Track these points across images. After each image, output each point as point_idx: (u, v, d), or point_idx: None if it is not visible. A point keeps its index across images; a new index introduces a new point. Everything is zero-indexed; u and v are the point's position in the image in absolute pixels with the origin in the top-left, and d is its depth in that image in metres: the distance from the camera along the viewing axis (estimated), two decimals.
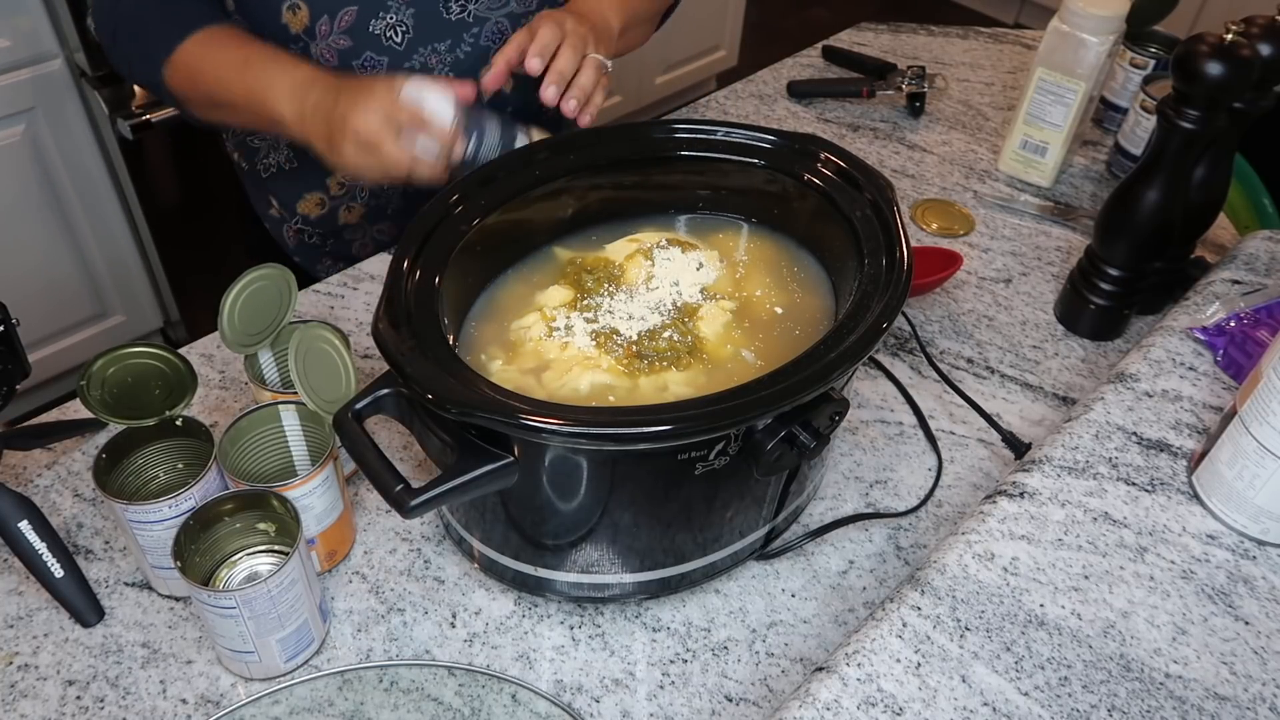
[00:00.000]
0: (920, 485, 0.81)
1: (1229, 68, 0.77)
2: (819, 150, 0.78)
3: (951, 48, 1.40)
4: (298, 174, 1.06)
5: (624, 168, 0.81)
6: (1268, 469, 0.67)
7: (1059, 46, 1.04)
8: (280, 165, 1.06)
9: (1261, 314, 0.84)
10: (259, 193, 1.12)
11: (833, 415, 0.63)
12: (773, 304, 0.76)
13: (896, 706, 0.59)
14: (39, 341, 1.81)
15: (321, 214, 1.08)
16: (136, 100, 1.65)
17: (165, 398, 0.69)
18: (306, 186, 1.06)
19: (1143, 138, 1.09)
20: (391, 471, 0.58)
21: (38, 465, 0.80)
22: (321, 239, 1.12)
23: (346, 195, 1.07)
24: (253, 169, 1.09)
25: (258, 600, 0.62)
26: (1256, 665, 0.63)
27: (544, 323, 0.73)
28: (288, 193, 1.08)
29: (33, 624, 0.70)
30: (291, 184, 1.07)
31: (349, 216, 1.09)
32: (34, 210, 1.68)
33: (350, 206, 1.08)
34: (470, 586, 0.73)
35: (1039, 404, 0.88)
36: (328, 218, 1.09)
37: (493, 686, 0.65)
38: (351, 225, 1.10)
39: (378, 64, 0.96)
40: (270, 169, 1.07)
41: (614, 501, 0.64)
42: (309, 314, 0.94)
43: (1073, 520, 0.71)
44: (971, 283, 1.01)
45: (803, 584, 0.74)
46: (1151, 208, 0.86)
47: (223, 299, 0.70)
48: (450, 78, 0.99)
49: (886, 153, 1.19)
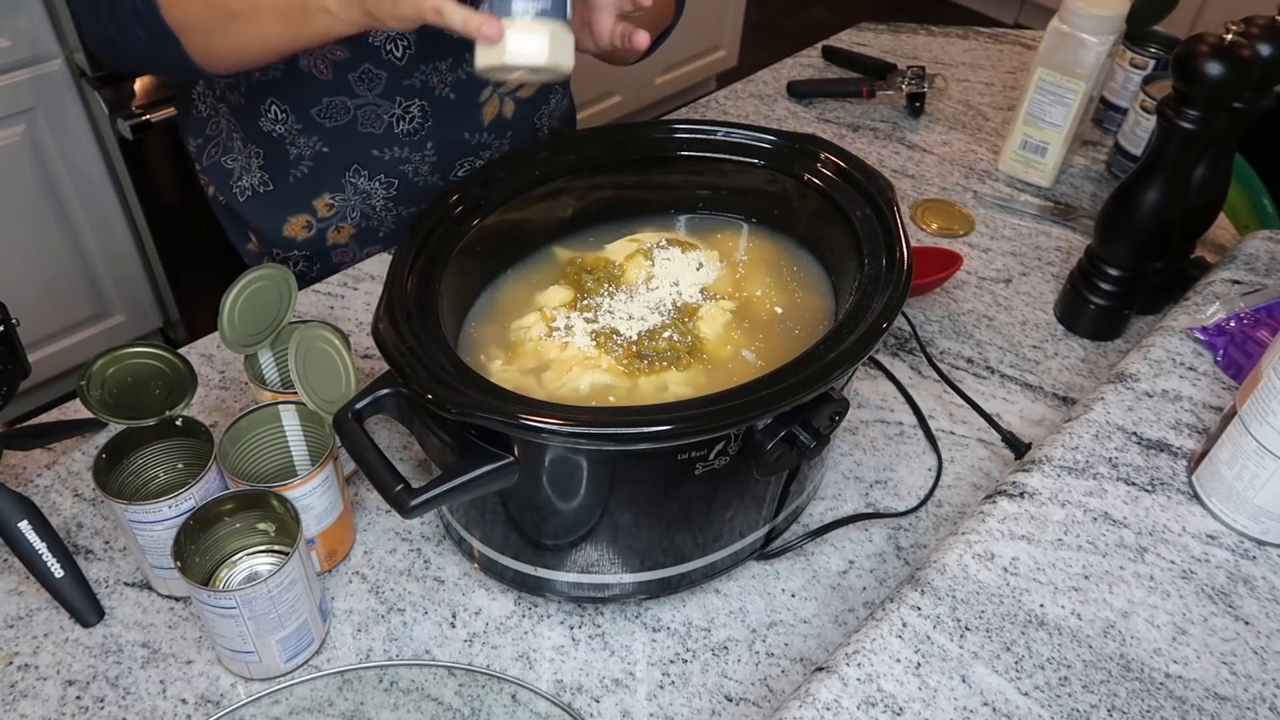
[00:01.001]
0: (920, 485, 0.81)
1: (1229, 68, 0.77)
2: (819, 150, 0.78)
3: (951, 48, 1.40)
4: (275, 197, 1.01)
5: (624, 168, 0.81)
6: (1268, 469, 0.67)
7: (1059, 46, 1.04)
8: (255, 189, 1.02)
9: (1261, 314, 0.84)
10: (236, 224, 1.07)
11: (833, 415, 0.63)
12: (773, 304, 0.76)
13: (896, 706, 0.59)
14: (39, 341, 1.80)
15: (309, 236, 1.04)
16: (136, 100, 1.65)
17: (165, 398, 0.69)
18: (291, 209, 1.02)
19: (1143, 138, 1.09)
20: (391, 471, 0.58)
21: (38, 465, 0.80)
22: (308, 264, 1.07)
23: (335, 216, 1.03)
24: (229, 197, 1.04)
25: (258, 600, 0.62)
26: (1256, 665, 0.63)
27: (544, 323, 0.73)
28: (269, 217, 1.03)
29: (33, 624, 0.70)
30: (270, 208, 1.02)
31: (337, 237, 1.05)
32: (34, 210, 1.68)
33: (340, 227, 1.04)
34: (470, 586, 0.73)
35: (1039, 404, 0.88)
36: (315, 240, 1.04)
37: (493, 686, 0.65)
38: (341, 246, 1.06)
39: (376, 77, 0.93)
40: (246, 192, 1.02)
41: (614, 501, 0.64)
42: (309, 314, 0.93)
43: (1073, 520, 0.71)
44: (971, 283, 1.01)
45: (803, 584, 0.74)
46: (1151, 208, 0.86)
47: (223, 299, 0.70)
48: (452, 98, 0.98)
49: (886, 153, 1.19)
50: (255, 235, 1.06)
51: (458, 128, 1.00)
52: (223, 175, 1.04)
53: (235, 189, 1.03)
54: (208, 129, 1.04)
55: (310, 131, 0.96)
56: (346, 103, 0.94)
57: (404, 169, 1.01)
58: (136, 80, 1.65)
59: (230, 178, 1.03)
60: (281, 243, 1.05)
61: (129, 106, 1.64)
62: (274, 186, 1.01)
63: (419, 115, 0.97)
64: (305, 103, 0.94)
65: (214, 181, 1.06)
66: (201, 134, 1.04)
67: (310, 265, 1.08)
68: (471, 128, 1.01)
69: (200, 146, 1.05)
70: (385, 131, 0.97)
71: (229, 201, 1.05)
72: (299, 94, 0.94)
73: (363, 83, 0.93)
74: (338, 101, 0.94)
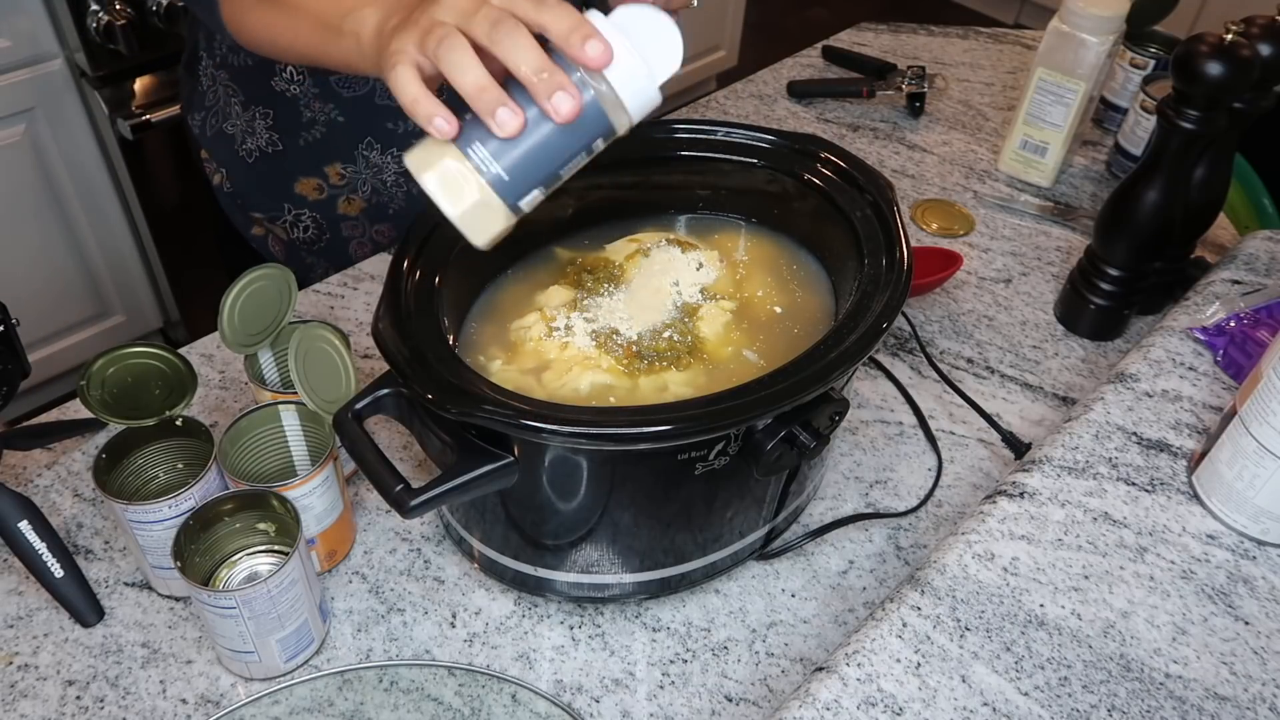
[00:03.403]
0: (920, 485, 0.81)
1: (1229, 68, 0.77)
2: (819, 150, 0.78)
3: (951, 48, 1.40)
4: (284, 157, 1.02)
5: (624, 168, 0.81)
6: (1268, 469, 0.67)
7: (1059, 46, 1.04)
8: (262, 149, 1.02)
9: (1261, 314, 0.84)
10: (239, 206, 1.08)
11: (833, 415, 0.63)
12: (773, 304, 0.76)
13: (896, 706, 0.59)
14: (39, 341, 1.81)
15: (320, 199, 1.05)
16: (136, 100, 1.65)
17: (165, 398, 0.69)
18: (301, 170, 1.03)
19: (1143, 138, 1.09)
20: (391, 471, 0.58)
21: (38, 465, 0.80)
22: (317, 233, 1.08)
23: (346, 186, 1.04)
24: (234, 166, 1.04)
25: (258, 600, 0.62)
26: (1256, 665, 0.63)
27: (544, 323, 0.73)
28: (279, 178, 1.03)
29: (33, 624, 0.70)
30: (281, 167, 1.03)
31: (348, 208, 1.06)
32: (34, 210, 1.68)
33: (350, 199, 1.05)
34: (470, 586, 0.73)
35: (1039, 404, 0.88)
36: (326, 203, 1.05)
37: (493, 686, 0.65)
38: (351, 218, 1.07)
39: None
40: (253, 154, 1.02)
41: (614, 501, 0.64)
42: (309, 314, 0.93)
43: (1073, 520, 0.71)
44: (971, 283, 1.01)
45: (803, 584, 0.74)
46: (1151, 208, 0.86)
47: (223, 299, 0.70)
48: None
49: (886, 153, 1.19)
50: (263, 203, 1.06)
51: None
52: (225, 144, 1.04)
53: (241, 152, 1.03)
54: (206, 100, 1.04)
55: (327, 98, 0.97)
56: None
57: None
58: (136, 80, 1.65)
59: (234, 143, 1.04)
60: (293, 199, 1.05)
61: (129, 106, 1.64)
62: (283, 147, 1.02)
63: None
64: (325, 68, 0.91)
65: (216, 157, 1.06)
66: (202, 107, 1.05)
67: (320, 233, 1.08)
68: None
69: (202, 120, 1.06)
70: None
71: (233, 173, 1.05)
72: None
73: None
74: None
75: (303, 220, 1.08)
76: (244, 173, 1.06)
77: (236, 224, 1.11)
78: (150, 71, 1.66)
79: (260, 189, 1.06)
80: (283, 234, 1.09)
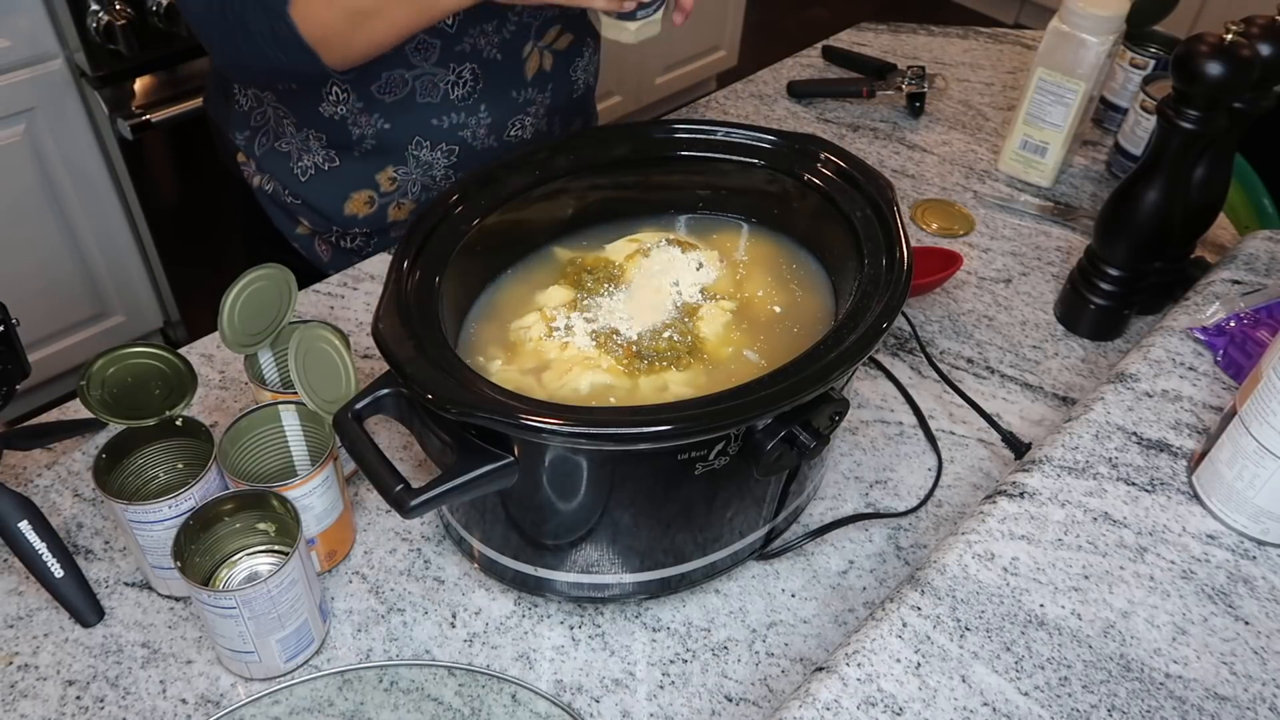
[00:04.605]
0: (920, 485, 0.81)
1: (1229, 68, 0.77)
2: (819, 150, 0.78)
3: (951, 48, 1.40)
4: (341, 172, 1.03)
5: (624, 168, 0.81)
6: (1268, 469, 0.67)
7: (1059, 46, 1.04)
8: (319, 166, 1.03)
9: (1261, 314, 0.84)
10: (285, 210, 1.08)
11: (833, 415, 0.63)
12: (773, 304, 0.76)
13: (896, 706, 0.59)
14: (39, 341, 1.80)
15: (370, 212, 1.06)
16: (136, 100, 1.65)
17: (165, 398, 0.69)
18: (355, 184, 1.04)
19: (1143, 138, 1.09)
20: (391, 471, 0.58)
21: (38, 465, 0.80)
22: (365, 240, 1.09)
23: (397, 191, 1.05)
24: (287, 180, 1.05)
25: (258, 600, 0.62)
26: (1256, 665, 0.63)
27: (544, 323, 0.73)
28: (333, 194, 1.05)
29: (33, 624, 0.70)
30: (335, 184, 1.04)
31: (398, 213, 1.07)
32: (34, 210, 1.68)
33: (400, 203, 1.06)
34: (470, 586, 0.73)
35: (1039, 404, 0.88)
36: (377, 215, 1.07)
37: (493, 686, 0.65)
38: (400, 223, 1.08)
39: (430, 46, 0.95)
40: (309, 171, 1.04)
41: (614, 501, 0.64)
42: (309, 314, 0.93)
43: (1073, 520, 0.71)
44: (971, 283, 1.01)
45: (803, 584, 0.74)
46: (1151, 208, 0.86)
47: (223, 299, 0.70)
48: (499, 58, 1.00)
49: (886, 153, 1.19)
50: (312, 216, 1.07)
51: (506, 87, 1.03)
52: (279, 160, 1.05)
53: (296, 170, 1.05)
54: (253, 120, 1.05)
55: (371, 109, 0.98)
56: (404, 75, 0.96)
57: (463, 134, 1.03)
58: (136, 80, 1.65)
59: (288, 160, 1.05)
60: (342, 221, 1.07)
61: (129, 106, 1.64)
62: (339, 162, 1.03)
63: (470, 79, 1.00)
64: (366, 80, 0.96)
65: (266, 169, 1.07)
66: (247, 126, 1.06)
67: (368, 240, 1.10)
68: (518, 85, 1.03)
69: (249, 139, 1.06)
70: (442, 99, 1.00)
71: (285, 184, 1.06)
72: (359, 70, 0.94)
73: (418, 53, 0.96)
74: (396, 75, 0.96)
75: (351, 231, 1.09)
76: (296, 187, 1.06)
77: (278, 223, 1.11)
78: (150, 71, 1.66)
79: (311, 205, 1.07)
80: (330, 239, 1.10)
